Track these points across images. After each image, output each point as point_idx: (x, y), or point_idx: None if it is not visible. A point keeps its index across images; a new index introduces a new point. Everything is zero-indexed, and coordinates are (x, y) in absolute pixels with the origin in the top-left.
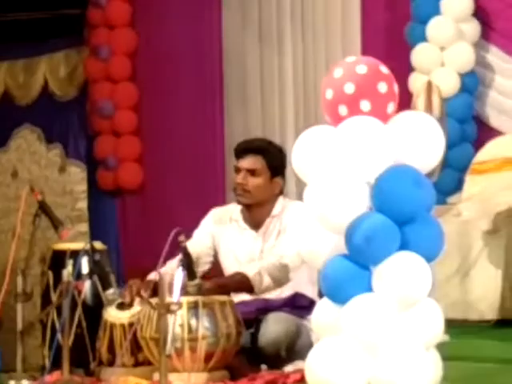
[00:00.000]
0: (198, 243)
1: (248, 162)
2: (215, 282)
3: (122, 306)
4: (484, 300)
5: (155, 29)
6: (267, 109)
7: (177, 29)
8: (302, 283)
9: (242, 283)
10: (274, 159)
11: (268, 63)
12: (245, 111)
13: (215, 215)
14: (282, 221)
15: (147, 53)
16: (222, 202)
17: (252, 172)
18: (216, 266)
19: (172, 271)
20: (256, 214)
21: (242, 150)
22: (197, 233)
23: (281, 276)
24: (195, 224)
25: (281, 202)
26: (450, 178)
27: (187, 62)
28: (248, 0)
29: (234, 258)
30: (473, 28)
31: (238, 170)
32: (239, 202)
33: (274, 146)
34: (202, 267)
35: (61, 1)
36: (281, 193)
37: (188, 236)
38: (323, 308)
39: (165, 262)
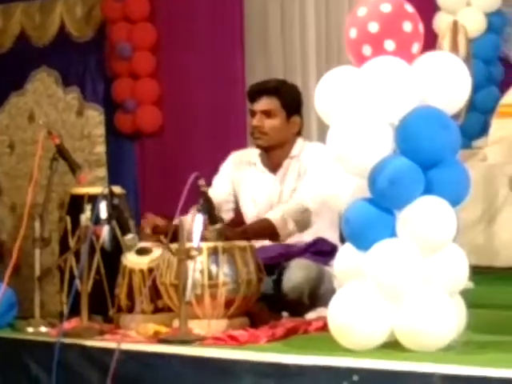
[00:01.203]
0: (219, 190)
1: (262, 104)
2: (238, 229)
3: (141, 252)
4: (510, 246)
5: None
6: (288, 50)
7: None
8: (323, 228)
9: (267, 229)
10: (289, 98)
11: (289, 2)
12: (265, 52)
13: (234, 159)
14: (302, 162)
15: None
16: (242, 145)
17: (267, 113)
18: (240, 213)
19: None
20: (274, 156)
21: (255, 93)
22: (216, 179)
23: (304, 220)
24: (215, 167)
25: (300, 142)
26: (475, 121)
27: (207, 3)
28: None
29: (253, 202)
30: None
31: (253, 113)
32: (258, 146)
33: (287, 84)
34: (225, 215)
35: None
36: (299, 132)
37: (208, 180)
38: (346, 253)
39: (185, 208)
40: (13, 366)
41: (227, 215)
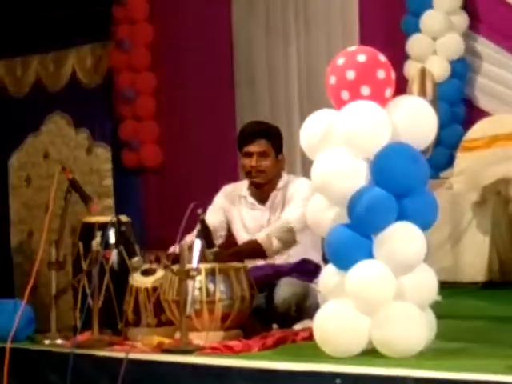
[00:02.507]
0: (212, 219)
1: (258, 146)
2: (230, 250)
3: (146, 272)
4: (473, 264)
5: (172, 22)
6: (274, 95)
7: (191, 22)
8: (308, 250)
9: (255, 249)
10: (276, 139)
11: (274, 52)
12: (253, 97)
13: (226, 192)
14: (287, 193)
15: (165, 44)
16: (233, 177)
17: (263, 154)
18: (231, 237)
19: (191, 242)
20: (265, 190)
21: (250, 136)
22: (210, 209)
23: (288, 238)
24: (210, 197)
25: (285, 176)
26: (442, 155)
27: (201, 53)
28: None
29: (245, 230)
30: (462, 20)
31: (249, 154)
32: (255, 183)
33: (272, 127)
34: (218, 240)
35: None
36: (283, 167)
37: (204, 209)
38: (329, 273)
39: (184, 233)
40: (32, 374)
41: (219, 241)
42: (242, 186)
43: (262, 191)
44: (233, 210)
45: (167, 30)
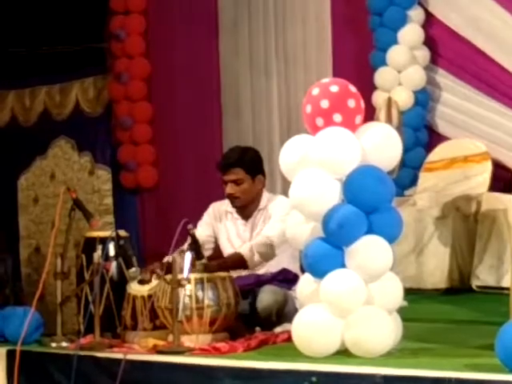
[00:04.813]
0: (201, 233)
1: (231, 176)
2: (217, 262)
3: (142, 282)
4: (434, 273)
5: (166, 57)
6: (257, 122)
7: (183, 57)
8: (287, 260)
9: (238, 261)
10: (251, 164)
11: (257, 85)
12: (238, 125)
13: (214, 209)
14: (267, 212)
15: (160, 77)
16: (219, 196)
17: (236, 182)
18: (218, 249)
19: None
20: (247, 210)
21: (224, 166)
22: (200, 224)
23: (267, 252)
24: (199, 214)
25: (265, 195)
26: (407, 175)
27: (192, 85)
28: (240, 32)
29: (230, 243)
30: (424, 54)
31: (225, 182)
32: (234, 206)
33: (248, 153)
34: (207, 252)
35: (89, 36)
36: (263, 186)
37: (194, 225)
38: (306, 281)
39: (176, 247)
40: (40, 374)
41: (207, 252)
42: (229, 203)
43: (245, 211)
44: (219, 225)
45: (162, 64)
